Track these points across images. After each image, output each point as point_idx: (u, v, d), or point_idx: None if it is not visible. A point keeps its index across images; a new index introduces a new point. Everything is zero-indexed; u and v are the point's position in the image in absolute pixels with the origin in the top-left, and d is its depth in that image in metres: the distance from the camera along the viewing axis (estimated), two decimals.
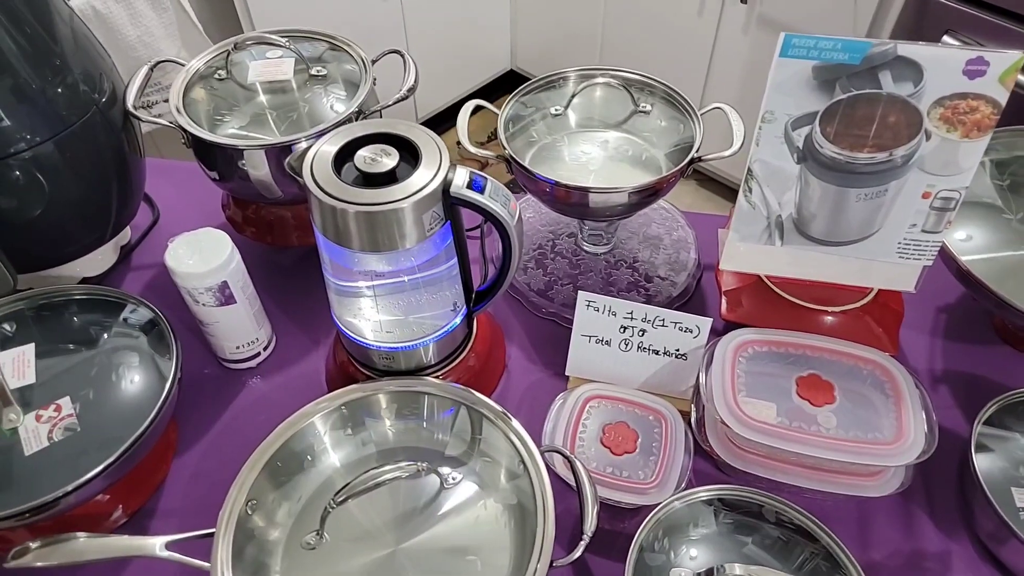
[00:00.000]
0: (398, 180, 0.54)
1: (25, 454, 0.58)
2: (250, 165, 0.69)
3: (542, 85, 0.77)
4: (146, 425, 0.57)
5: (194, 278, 0.63)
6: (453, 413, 0.61)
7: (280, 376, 0.73)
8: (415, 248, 0.56)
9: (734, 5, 1.57)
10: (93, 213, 0.72)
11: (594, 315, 0.66)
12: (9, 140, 0.61)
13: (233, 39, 0.74)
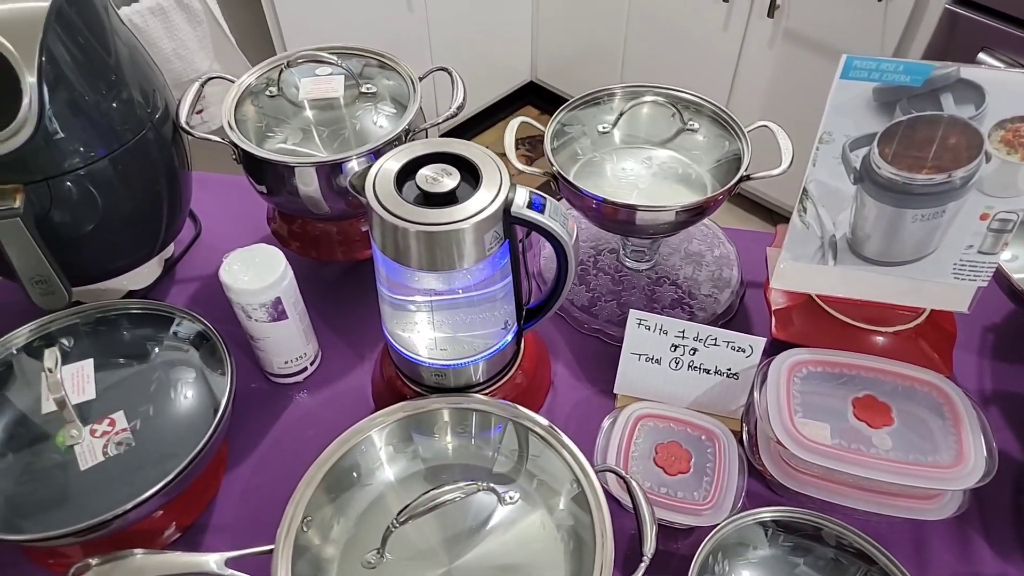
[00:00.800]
0: (458, 200, 0.54)
1: (81, 469, 0.58)
2: (300, 181, 0.70)
3: (587, 101, 0.77)
4: (205, 441, 0.57)
5: (249, 294, 0.63)
6: (505, 431, 0.61)
7: (326, 391, 0.73)
8: (473, 267, 0.56)
9: (760, 19, 1.58)
10: (144, 228, 0.72)
11: (645, 333, 0.65)
12: (66, 156, 0.62)
13: (284, 56, 0.74)
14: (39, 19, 0.58)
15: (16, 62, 0.57)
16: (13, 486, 0.57)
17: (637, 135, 0.77)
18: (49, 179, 0.61)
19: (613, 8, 1.87)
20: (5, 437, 0.59)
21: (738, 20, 1.62)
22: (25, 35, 0.57)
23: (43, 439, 0.59)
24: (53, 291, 0.64)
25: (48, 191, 0.62)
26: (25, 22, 0.57)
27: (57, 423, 0.60)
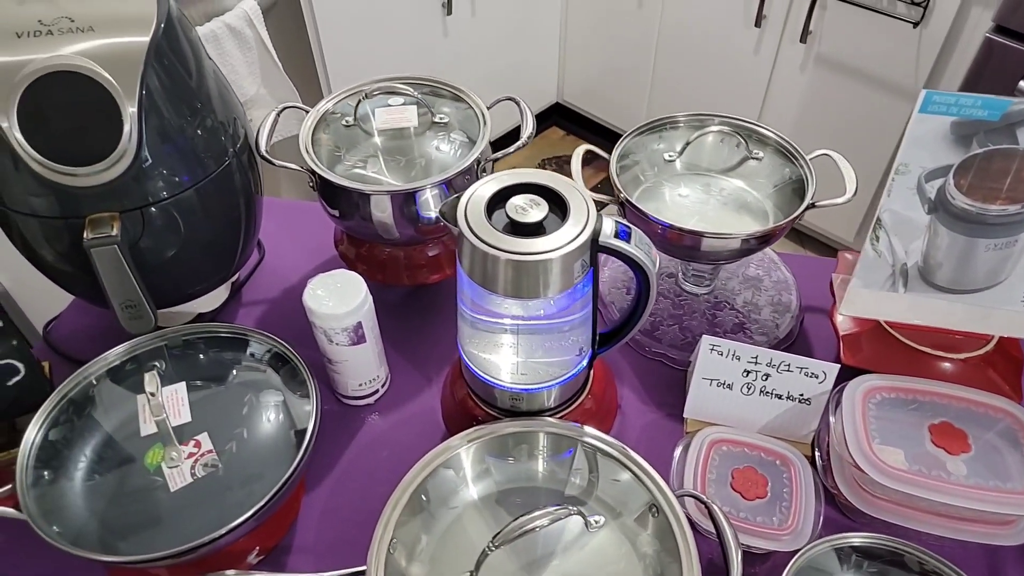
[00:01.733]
0: (546, 230, 0.56)
1: (171, 490, 0.59)
2: (375, 208, 0.72)
3: (650, 128, 0.79)
4: (296, 463, 0.58)
5: (332, 319, 0.65)
6: (583, 456, 0.62)
7: (397, 413, 0.74)
8: (558, 295, 0.57)
9: (792, 44, 1.60)
10: (222, 254, 0.74)
11: (717, 359, 0.67)
12: (159, 185, 0.64)
13: (359, 86, 0.77)
14: (140, 52, 0.60)
15: (118, 94, 0.59)
16: (105, 507, 0.58)
17: (698, 163, 0.79)
18: (142, 207, 0.63)
19: (642, 32, 1.89)
20: (96, 458, 0.61)
21: (769, 45, 1.64)
22: (126, 67, 0.59)
23: (133, 461, 0.60)
24: (141, 315, 0.65)
25: (141, 219, 0.64)
26: (126, 55, 0.60)
27: (145, 445, 0.62)
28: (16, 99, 0.57)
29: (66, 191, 0.60)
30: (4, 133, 0.58)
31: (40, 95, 0.58)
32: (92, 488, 0.59)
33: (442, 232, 0.77)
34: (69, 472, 0.60)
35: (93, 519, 0.58)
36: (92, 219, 0.61)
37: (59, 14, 0.60)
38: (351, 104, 0.77)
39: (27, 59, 0.58)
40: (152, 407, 0.56)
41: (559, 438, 0.63)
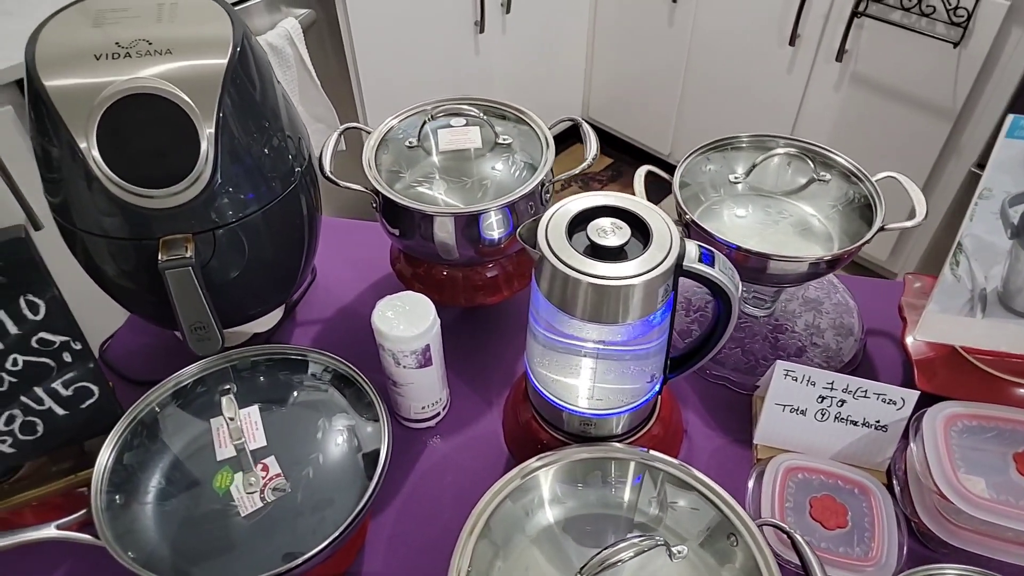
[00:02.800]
0: (627, 254, 0.55)
1: (241, 515, 0.58)
2: (438, 229, 0.71)
3: (712, 148, 0.79)
4: (372, 489, 0.57)
5: (402, 341, 0.64)
6: (657, 482, 0.61)
7: (458, 436, 0.73)
8: (638, 320, 0.57)
9: (827, 63, 1.60)
10: (284, 274, 0.74)
11: (792, 384, 0.66)
12: (231, 207, 0.63)
13: (422, 106, 0.77)
14: (218, 75, 0.60)
15: (196, 116, 0.59)
16: (176, 532, 0.57)
17: (760, 184, 0.78)
18: (214, 229, 0.63)
19: (672, 50, 1.90)
20: (166, 482, 0.60)
21: (803, 63, 1.64)
22: (204, 90, 0.59)
23: (202, 485, 0.60)
24: (209, 337, 0.65)
25: (212, 241, 0.64)
26: (204, 78, 0.60)
27: (214, 468, 0.61)
28: (96, 121, 0.57)
29: (140, 212, 0.60)
30: (83, 154, 0.58)
31: (119, 117, 0.58)
32: (162, 512, 0.58)
33: (500, 254, 0.77)
34: (139, 496, 0.59)
35: (164, 544, 0.57)
36: (166, 241, 0.61)
37: (137, 37, 0.61)
38: (411, 124, 0.77)
39: (106, 81, 0.58)
40: (231, 431, 0.56)
41: (632, 464, 0.62)
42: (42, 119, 0.59)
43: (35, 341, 0.53)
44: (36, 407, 0.56)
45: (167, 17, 0.63)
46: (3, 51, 1.03)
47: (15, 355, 0.53)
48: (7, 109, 1.05)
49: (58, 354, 0.54)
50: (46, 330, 0.53)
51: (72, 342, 0.55)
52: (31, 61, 0.58)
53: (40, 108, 0.58)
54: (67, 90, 0.57)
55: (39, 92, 0.57)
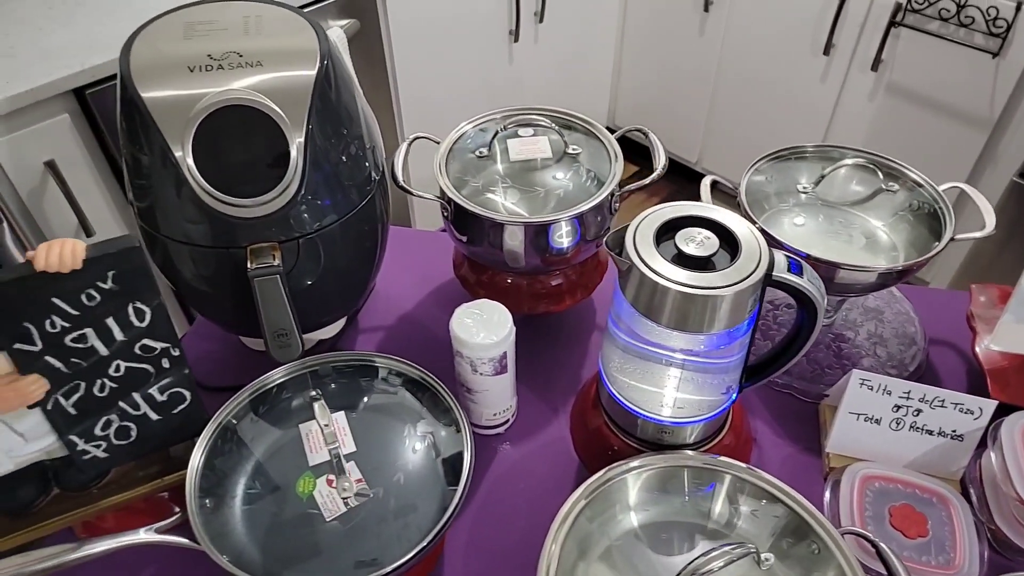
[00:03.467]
0: (715, 264, 0.56)
1: (326, 520, 0.59)
2: (508, 237, 0.72)
3: (778, 157, 0.79)
4: (460, 494, 0.58)
5: (481, 348, 0.65)
6: (736, 490, 0.61)
7: (527, 443, 0.74)
8: (725, 330, 0.57)
9: (862, 73, 1.60)
10: (356, 283, 0.75)
11: (867, 393, 0.66)
12: (312, 219, 0.64)
13: (493, 116, 0.78)
14: (307, 86, 0.61)
15: (287, 126, 0.60)
16: (264, 536, 0.58)
17: (825, 194, 0.79)
18: (299, 238, 0.64)
19: (701, 60, 1.91)
20: (252, 487, 0.61)
21: (837, 73, 1.65)
22: (294, 101, 0.61)
23: (287, 489, 0.60)
24: (290, 344, 0.66)
25: (296, 249, 0.65)
26: (294, 89, 0.61)
27: (296, 473, 0.62)
28: (192, 131, 0.58)
29: (229, 221, 0.61)
30: (178, 163, 0.59)
31: (212, 127, 0.59)
32: (250, 516, 0.59)
33: (566, 263, 0.77)
34: (227, 500, 0.60)
35: (254, 547, 0.58)
36: (254, 249, 0.62)
37: (227, 49, 0.62)
38: (477, 133, 0.79)
39: (201, 93, 0.59)
40: (326, 436, 0.57)
41: (713, 473, 0.62)
42: (136, 128, 0.60)
43: (138, 348, 0.54)
44: (132, 412, 0.57)
45: (254, 29, 0.64)
46: (60, 60, 1.04)
47: (118, 361, 0.53)
48: (63, 117, 1.07)
49: (158, 360, 0.55)
50: (149, 337, 0.54)
51: (171, 349, 0.55)
52: (126, 72, 0.59)
53: (136, 117, 0.59)
54: (164, 101, 0.59)
55: (136, 102, 0.58)
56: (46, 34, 1.10)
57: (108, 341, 0.52)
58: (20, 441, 0.54)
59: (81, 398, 0.54)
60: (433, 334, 0.85)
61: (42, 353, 0.50)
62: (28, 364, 0.50)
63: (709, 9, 1.79)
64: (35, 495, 0.59)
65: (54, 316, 0.49)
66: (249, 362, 0.81)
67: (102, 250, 0.48)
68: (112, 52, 1.06)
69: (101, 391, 0.54)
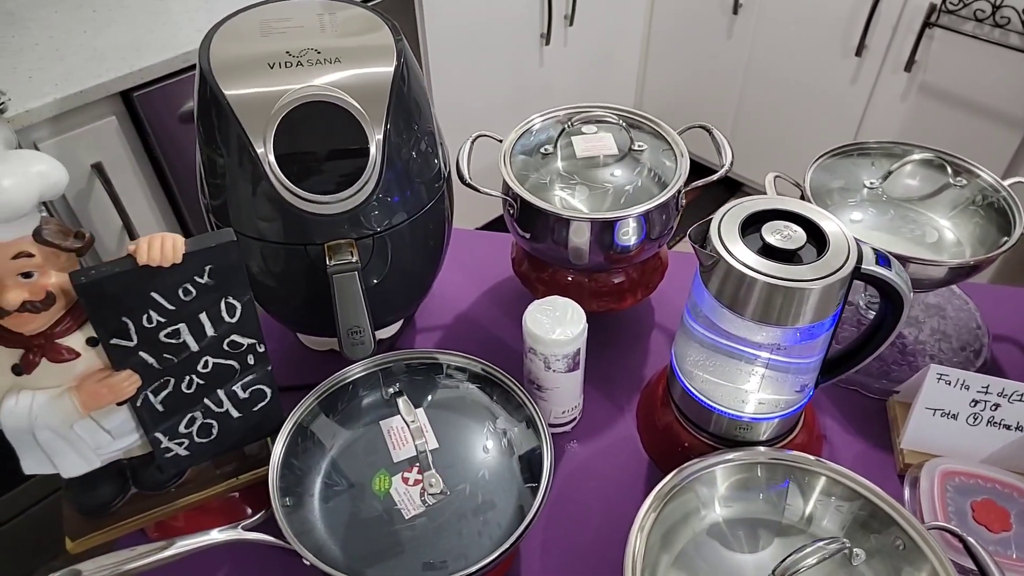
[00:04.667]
0: (802, 258, 0.56)
1: (405, 518, 0.59)
2: (573, 234, 0.72)
3: (841, 153, 0.79)
4: (544, 492, 0.58)
5: (556, 345, 0.65)
6: (819, 487, 0.61)
7: (595, 442, 0.73)
8: (811, 324, 0.57)
9: (895, 73, 1.60)
10: (420, 282, 0.75)
11: (944, 388, 0.65)
12: (386, 216, 0.64)
13: (556, 113, 0.78)
14: (386, 82, 0.61)
15: (367, 123, 0.60)
16: (344, 533, 0.58)
17: (891, 190, 0.78)
18: (373, 235, 0.64)
19: (729, 63, 1.91)
20: (330, 484, 0.60)
21: (868, 74, 1.65)
22: (374, 97, 0.61)
23: (364, 487, 0.60)
24: (363, 341, 0.66)
25: (371, 246, 0.64)
26: (373, 85, 0.61)
27: (371, 471, 0.61)
28: (274, 128, 0.58)
29: (307, 218, 0.61)
30: (259, 160, 0.59)
31: (291, 124, 0.59)
32: (329, 514, 0.59)
33: (628, 261, 0.77)
34: (306, 498, 0.60)
35: (335, 546, 0.57)
36: (331, 246, 0.62)
37: (306, 46, 0.62)
38: (539, 131, 0.79)
39: (282, 89, 0.59)
40: (412, 432, 0.56)
41: (793, 469, 0.62)
42: (217, 125, 0.60)
43: (226, 344, 0.54)
44: (215, 409, 0.57)
45: (329, 27, 0.65)
46: (107, 63, 1.05)
47: (207, 357, 0.53)
48: (111, 120, 1.07)
49: (244, 356, 0.55)
50: (238, 332, 0.53)
51: (257, 345, 0.55)
52: (207, 69, 0.59)
53: (217, 114, 0.59)
54: (246, 98, 0.59)
55: (218, 99, 0.58)
56: (91, 37, 1.10)
57: (199, 337, 0.52)
58: (108, 438, 0.54)
59: (169, 395, 0.54)
60: (490, 333, 0.84)
61: (136, 348, 0.50)
62: (122, 360, 0.50)
63: (738, 11, 1.79)
64: (114, 495, 0.59)
65: (151, 311, 0.49)
66: (309, 361, 0.81)
67: (200, 244, 0.48)
68: (159, 55, 1.06)
69: (188, 388, 0.54)
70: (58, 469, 0.52)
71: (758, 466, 0.62)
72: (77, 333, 0.50)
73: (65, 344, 0.49)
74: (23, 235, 0.45)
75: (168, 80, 1.09)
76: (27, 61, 1.05)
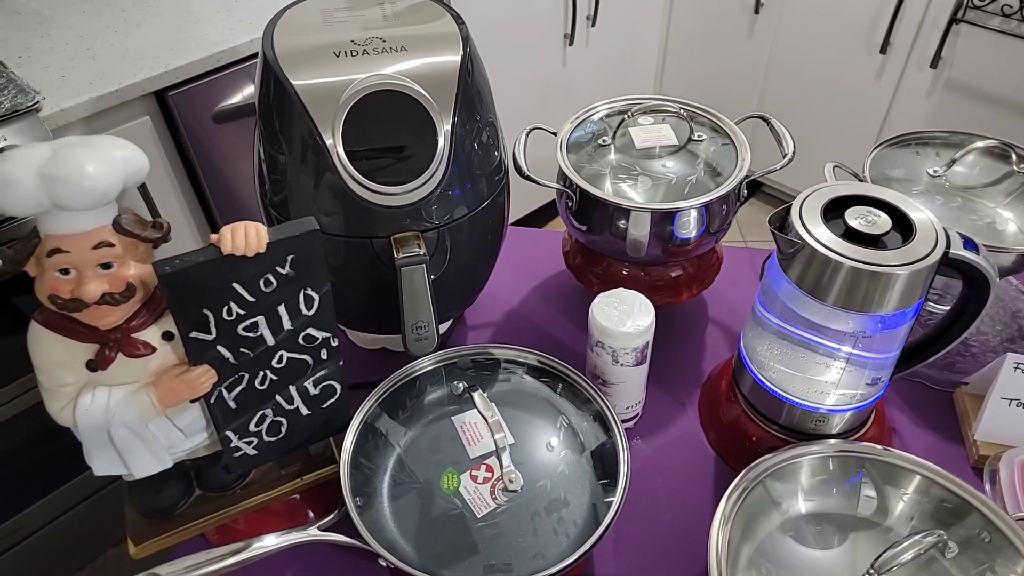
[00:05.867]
0: (887, 244, 0.54)
1: (478, 517, 0.57)
2: (632, 225, 0.71)
3: (901, 142, 0.78)
4: (622, 490, 0.56)
5: (626, 338, 0.63)
6: (901, 480, 0.60)
7: (659, 437, 0.72)
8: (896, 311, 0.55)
9: (920, 70, 1.60)
10: (476, 278, 0.73)
11: (1021, 378, 0.64)
12: (451, 208, 0.63)
13: (612, 104, 0.77)
14: (453, 71, 0.60)
15: (435, 112, 0.59)
16: (416, 532, 0.56)
17: (952, 179, 0.77)
18: (438, 227, 0.63)
19: (750, 62, 1.90)
20: (398, 482, 0.59)
21: (893, 71, 1.64)
22: (442, 86, 0.59)
23: (432, 484, 0.58)
24: (427, 336, 0.64)
25: (437, 239, 0.63)
26: (441, 74, 0.60)
27: (439, 469, 0.60)
28: (343, 117, 0.57)
29: (373, 210, 0.60)
30: (328, 151, 0.57)
31: (361, 114, 0.58)
32: (398, 513, 0.57)
33: (685, 254, 0.76)
34: (376, 498, 0.58)
35: (407, 545, 0.56)
36: (398, 238, 0.61)
37: (369, 35, 0.61)
38: (592, 123, 0.77)
39: (349, 78, 0.58)
40: (491, 426, 0.55)
41: (874, 462, 0.60)
42: (282, 116, 0.59)
43: (302, 337, 0.52)
44: (286, 407, 0.55)
45: (391, 16, 0.63)
46: (141, 62, 1.03)
47: (282, 351, 0.52)
48: (144, 120, 1.06)
49: (317, 351, 0.54)
50: (313, 326, 0.52)
51: (331, 339, 0.54)
52: (273, 58, 0.58)
53: (283, 104, 0.58)
54: (314, 87, 0.57)
55: (285, 89, 0.57)
56: (121, 36, 1.09)
57: (276, 330, 0.50)
58: (180, 437, 0.52)
59: (243, 391, 0.52)
60: (542, 329, 0.83)
61: (214, 343, 0.48)
62: (200, 354, 0.48)
63: (759, 11, 1.78)
64: (179, 497, 0.57)
65: (232, 303, 0.47)
66: (358, 359, 0.79)
67: (284, 233, 0.47)
68: (192, 54, 1.05)
69: (262, 384, 0.52)
70: (130, 469, 0.50)
71: (838, 459, 0.60)
72: (152, 327, 0.48)
73: (141, 338, 0.47)
74: (103, 224, 0.44)
75: (202, 80, 1.07)
76: (59, 61, 1.04)
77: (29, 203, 0.39)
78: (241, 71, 1.13)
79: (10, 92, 0.95)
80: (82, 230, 0.43)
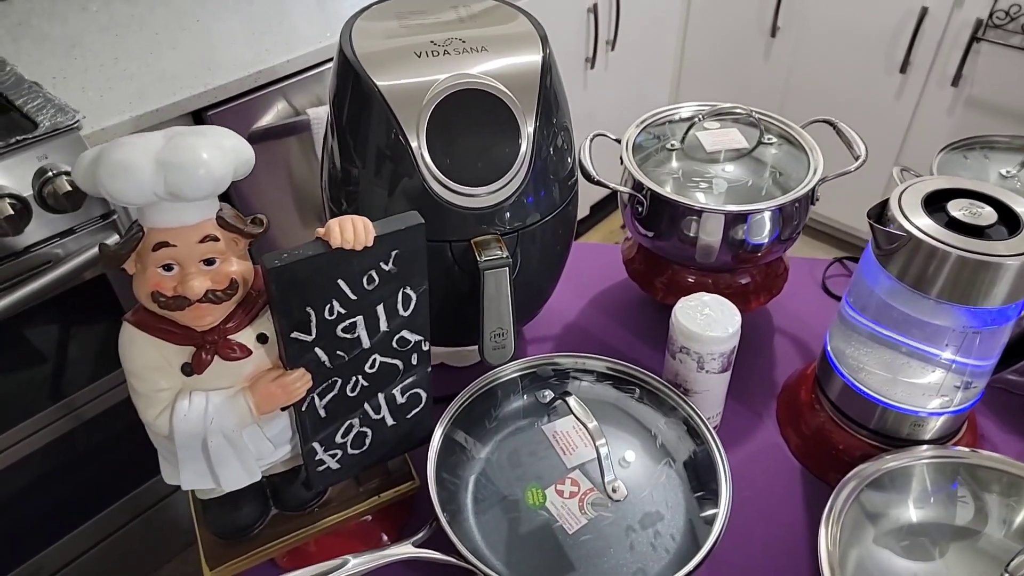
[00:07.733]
0: (992, 237, 0.53)
1: (569, 533, 0.54)
2: (703, 229, 0.69)
3: (964, 145, 0.77)
4: (727, 503, 0.54)
5: (714, 343, 0.61)
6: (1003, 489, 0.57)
7: (739, 448, 0.69)
8: (1000, 305, 0.54)
9: (941, 88, 1.61)
10: (543, 287, 0.71)
11: None
12: (530, 211, 0.61)
13: (675, 110, 0.76)
14: (535, 71, 0.59)
15: (519, 112, 0.57)
16: (506, 549, 0.53)
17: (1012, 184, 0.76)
18: (516, 231, 0.61)
19: (768, 83, 1.91)
20: (483, 498, 0.56)
21: (913, 90, 1.65)
22: (524, 86, 0.58)
23: (516, 500, 0.56)
24: (504, 345, 0.62)
25: (515, 243, 0.61)
26: (524, 74, 0.59)
27: (523, 483, 0.57)
28: (427, 118, 0.55)
29: (454, 212, 0.58)
30: (412, 153, 0.56)
31: (441, 115, 0.56)
32: (485, 529, 0.54)
33: (753, 261, 0.74)
34: (463, 513, 0.55)
35: (499, 561, 0.52)
36: (479, 241, 0.59)
37: (448, 35, 0.60)
38: (655, 128, 0.76)
39: (432, 79, 0.56)
40: (592, 432, 0.52)
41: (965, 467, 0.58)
42: (362, 117, 0.57)
43: (395, 340, 0.50)
44: (373, 416, 0.53)
45: (467, 17, 0.62)
46: (180, 81, 1.02)
47: (375, 355, 0.49)
48: None
49: (409, 356, 0.51)
50: (408, 328, 0.50)
51: (423, 343, 0.51)
52: (355, 60, 0.57)
53: (364, 105, 0.56)
54: (397, 88, 0.56)
55: (369, 90, 0.56)
56: (157, 58, 1.08)
57: (373, 332, 0.48)
58: (269, 447, 0.49)
59: (334, 398, 0.49)
60: (602, 340, 0.81)
61: (313, 344, 0.46)
62: (298, 356, 0.46)
63: (776, 35, 1.80)
64: (257, 516, 0.54)
65: (334, 300, 0.45)
66: None
67: (389, 227, 0.44)
68: (231, 73, 1.04)
69: (353, 390, 0.50)
70: (220, 481, 0.47)
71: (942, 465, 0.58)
72: (248, 329, 0.46)
73: (237, 340, 0.45)
74: (208, 217, 0.42)
75: (240, 99, 1.06)
76: (96, 81, 1.02)
77: (145, 190, 0.37)
78: (273, 92, 1.12)
79: (49, 111, 0.93)
80: (188, 223, 0.41)
